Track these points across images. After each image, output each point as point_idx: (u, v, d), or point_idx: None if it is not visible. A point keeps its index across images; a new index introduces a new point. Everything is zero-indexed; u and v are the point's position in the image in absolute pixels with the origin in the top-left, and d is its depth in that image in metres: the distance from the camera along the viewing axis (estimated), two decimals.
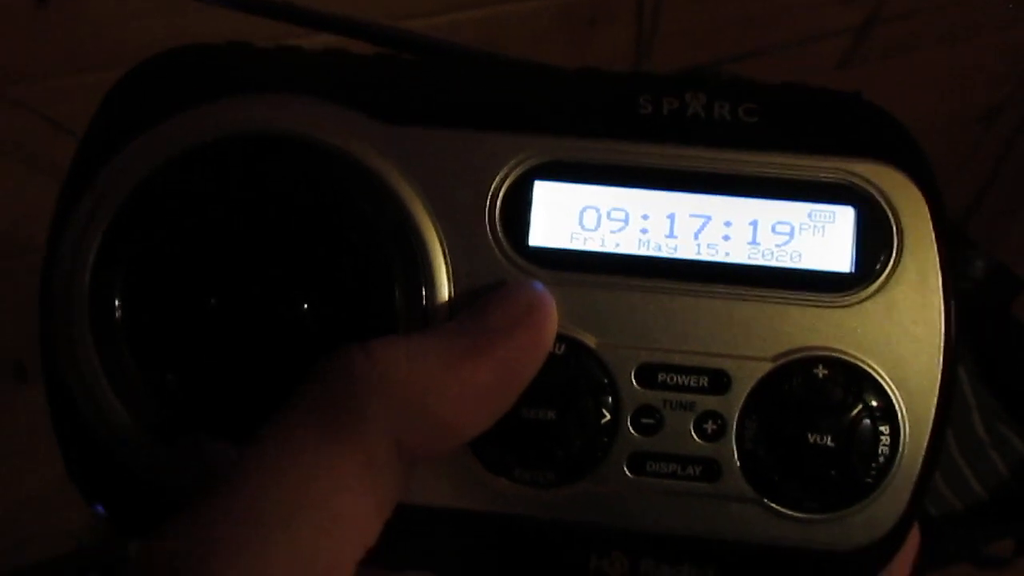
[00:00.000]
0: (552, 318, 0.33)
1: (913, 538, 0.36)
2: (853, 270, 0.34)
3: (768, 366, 0.34)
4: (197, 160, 0.34)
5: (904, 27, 1.19)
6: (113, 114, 0.36)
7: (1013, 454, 1.20)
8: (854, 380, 0.34)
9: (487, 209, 0.35)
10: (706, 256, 0.35)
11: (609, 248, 0.35)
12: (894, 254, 0.34)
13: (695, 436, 0.34)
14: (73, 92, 0.35)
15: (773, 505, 0.34)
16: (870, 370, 0.34)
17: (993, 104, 1.46)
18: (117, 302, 0.34)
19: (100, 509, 0.36)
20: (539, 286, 0.34)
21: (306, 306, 0.34)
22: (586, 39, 1.00)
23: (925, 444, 0.34)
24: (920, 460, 0.34)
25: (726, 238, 0.35)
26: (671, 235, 0.35)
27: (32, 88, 0.72)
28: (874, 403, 0.34)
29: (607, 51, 1.02)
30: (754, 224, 0.35)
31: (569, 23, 0.99)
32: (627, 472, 0.35)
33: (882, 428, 0.34)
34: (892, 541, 0.35)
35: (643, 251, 0.35)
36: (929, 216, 0.34)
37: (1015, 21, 1.28)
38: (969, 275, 1.22)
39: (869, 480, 0.34)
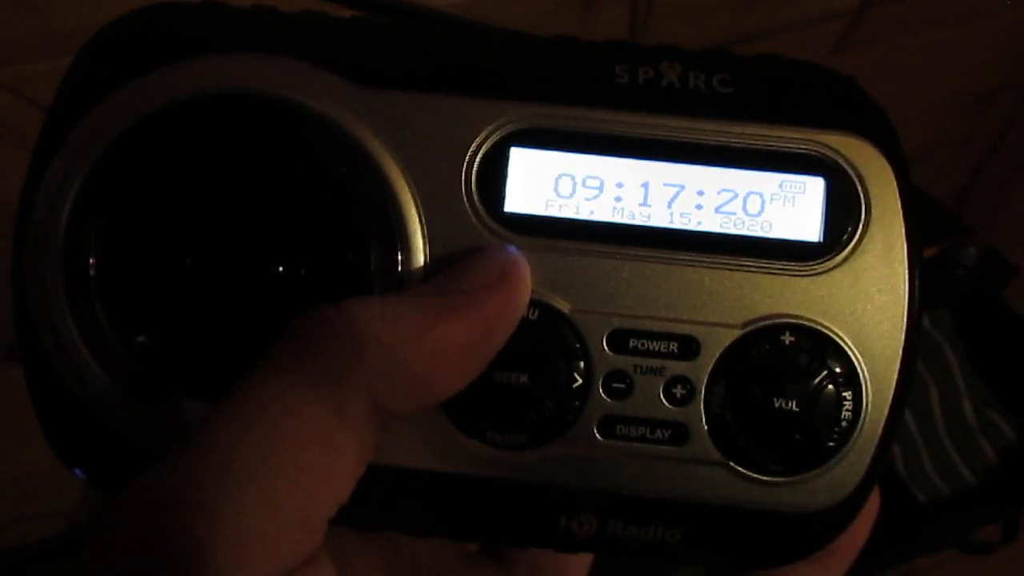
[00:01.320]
0: (525, 282, 0.34)
1: (873, 500, 0.36)
2: (821, 239, 0.35)
3: (737, 333, 0.35)
4: (171, 119, 0.34)
5: (900, 10, 1.19)
6: (86, 72, 0.36)
7: (1002, 440, 1.21)
8: (819, 347, 0.35)
9: (463, 174, 0.35)
10: (679, 224, 0.35)
11: (584, 215, 0.35)
12: (861, 224, 0.35)
13: (664, 400, 0.35)
14: (57, 75, 0.35)
15: (739, 468, 0.35)
16: (835, 337, 0.35)
17: (990, 87, 1.46)
18: (91, 261, 0.34)
19: (79, 473, 0.36)
20: (513, 250, 0.34)
21: (281, 267, 0.34)
22: (582, 23, 1.00)
23: (887, 409, 0.35)
24: (882, 425, 0.35)
25: (699, 207, 0.35)
26: (645, 203, 0.35)
27: (16, 71, 0.73)
28: (838, 369, 0.35)
29: (602, 35, 1.02)
30: (726, 193, 0.35)
31: (567, 6, 0.99)
32: (597, 435, 0.35)
33: (845, 394, 0.35)
34: (854, 503, 0.36)
35: (617, 219, 0.35)
36: (896, 187, 0.35)
37: (1012, 4, 1.28)
38: (961, 262, 1.22)
39: (832, 444, 0.35)
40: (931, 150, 1.51)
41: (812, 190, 0.35)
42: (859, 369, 0.35)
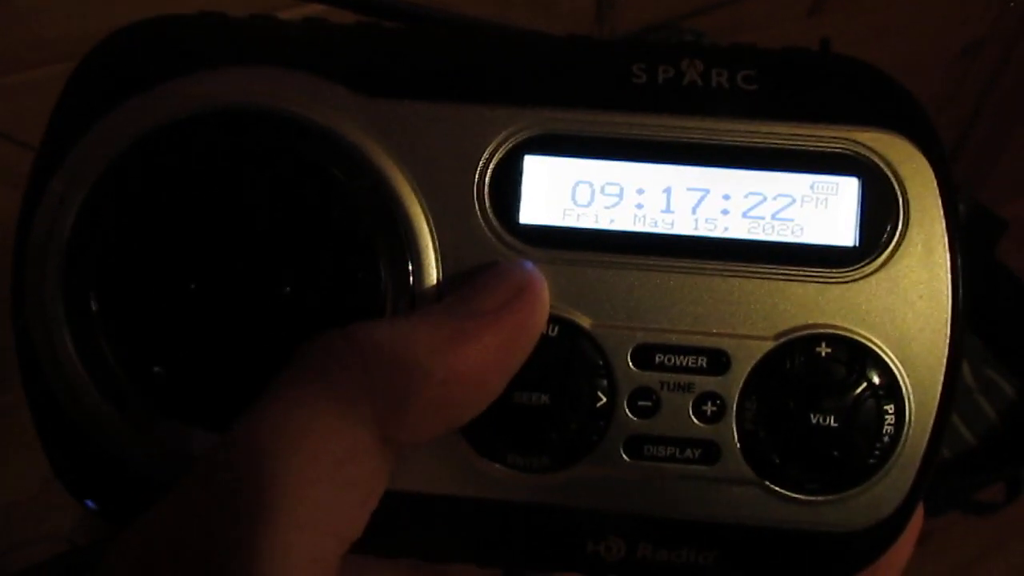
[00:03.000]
0: (543, 300, 0.32)
1: (917, 517, 0.35)
2: (857, 244, 0.33)
3: (769, 345, 0.33)
4: (171, 138, 0.33)
5: None
6: (82, 90, 0.34)
7: (1002, 398, 1.20)
8: (857, 358, 0.33)
9: (475, 186, 0.33)
10: (704, 231, 0.33)
11: (603, 225, 0.34)
12: (900, 227, 0.33)
13: (694, 418, 0.33)
14: (38, 84, 0.33)
15: (774, 487, 0.34)
16: (874, 347, 0.33)
17: (975, 38, 1.45)
18: (93, 293, 0.33)
19: (91, 504, 0.35)
20: (530, 266, 0.33)
21: (289, 288, 0.32)
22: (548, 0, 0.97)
23: (931, 422, 0.33)
24: (926, 439, 0.33)
25: (725, 212, 0.33)
26: (667, 210, 0.33)
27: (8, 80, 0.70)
28: (878, 381, 0.33)
29: (570, 8, 1.00)
30: (754, 197, 0.33)
31: None
32: (624, 456, 0.34)
33: (886, 407, 0.33)
34: (896, 521, 0.34)
35: (638, 227, 0.34)
36: (936, 186, 0.33)
37: None
38: None
39: (873, 460, 0.33)
40: None
41: (846, 191, 0.33)
42: (901, 380, 0.33)
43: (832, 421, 0.33)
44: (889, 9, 1.23)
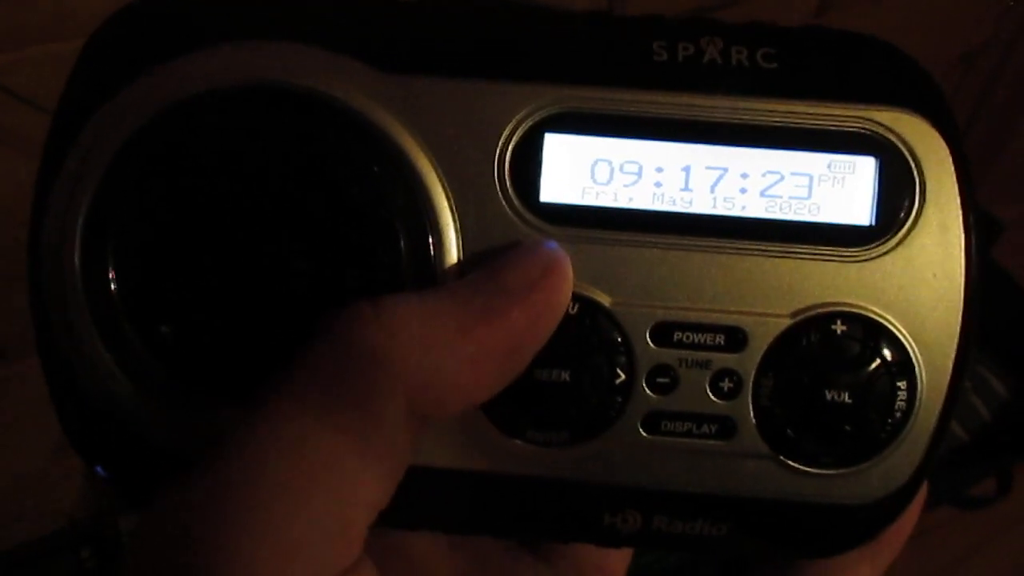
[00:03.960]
0: (568, 279, 0.33)
1: (921, 491, 0.36)
2: (873, 223, 0.34)
3: (786, 322, 0.34)
4: (188, 113, 0.32)
5: None
6: (95, 65, 0.34)
7: (994, 398, 1.21)
8: (872, 335, 0.33)
9: (496, 163, 0.33)
10: (722, 210, 0.34)
11: (622, 203, 0.34)
12: (916, 206, 0.33)
13: (711, 394, 0.34)
14: (30, 61, 0.33)
15: (788, 461, 0.34)
16: (889, 325, 0.33)
17: (972, 46, 1.45)
18: (111, 273, 0.33)
19: (100, 471, 0.35)
20: (554, 245, 0.33)
21: (308, 263, 0.32)
22: None
23: (942, 398, 0.34)
24: (937, 414, 0.34)
25: (743, 191, 0.34)
26: (686, 188, 0.34)
27: None
28: (891, 358, 0.33)
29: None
30: (771, 176, 0.34)
31: None
32: (642, 431, 0.34)
33: (899, 383, 0.33)
34: (906, 493, 0.35)
35: (657, 206, 0.34)
36: (952, 166, 0.33)
37: None
38: None
39: (885, 435, 0.34)
40: None
41: (863, 170, 0.34)
42: (913, 358, 0.33)
43: (846, 397, 0.33)
44: (891, 12, 1.24)
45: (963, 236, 0.33)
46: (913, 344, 0.33)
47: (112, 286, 0.33)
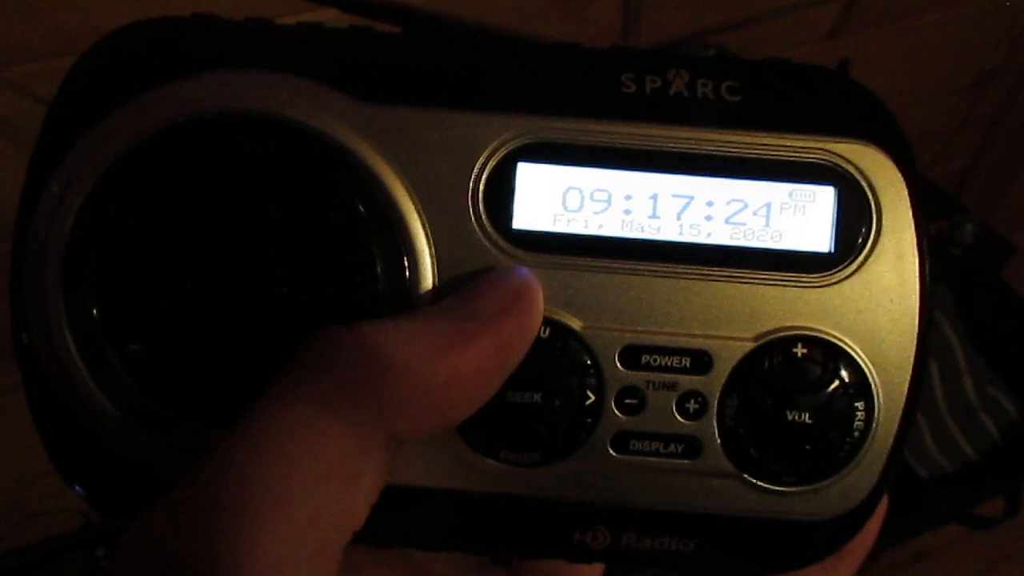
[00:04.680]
0: (539, 304, 0.34)
1: (881, 507, 0.37)
2: (832, 250, 0.35)
3: (749, 346, 0.35)
4: (167, 142, 0.33)
5: None
6: (78, 92, 0.35)
7: (1003, 416, 1.21)
8: (831, 358, 0.35)
9: (470, 192, 0.35)
10: (688, 237, 0.35)
11: (592, 230, 0.35)
12: (873, 233, 0.35)
13: (677, 415, 0.35)
14: (58, 72, 0.34)
15: (752, 479, 0.35)
16: (847, 348, 0.35)
17: (986, 69, 1.45)
18: (92, 295, 0.34)
19: (79, 490, 0.36)
20: (525, 272, 0.34)
21: (285, 289, 0.33)
22: (576, 13, 0.99)
23: (898, 417, 0.35)
24: (893, 433, 0.35)
25: (708, 218, 0.35)
26: (654, 216, 0.35)
27: (23, 70, 0.72)
28: (850, 379, 0.35)
29: (596, 22, 1.02)
30: (735, 204, 0.35)
31: None
32: (611, 451, 0.35)
33: (857, 404, 0.35)
34: (866, 508, 0.36)
35: (626, 232, 0.35)
36: (907, 195, 0.35)
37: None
38: (959, 240, 1.23)
39: (844, 453, 0.35)
40: (929, 133, 1.50)
41: (822, 200, 0.35)
42: (871, 379, 0.35)
43: (807, 417, 0.34)
44: (905, 36, 1.25)
45: (917, 262, 0.35)
46: (870, 366, 0.35)
47: (93, 308, 0.34)
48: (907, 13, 1.22)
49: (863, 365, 0.35)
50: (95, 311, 0.34)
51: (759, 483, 0.35)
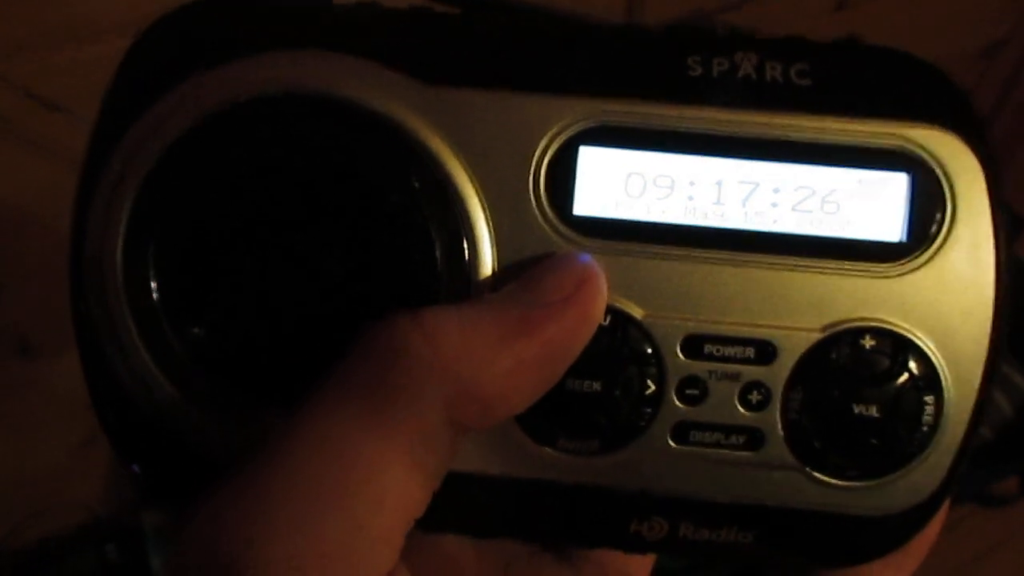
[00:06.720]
0: (602, 292, 0.33)
1: (945, 503, 0.36)
2: (904, 239, 0.34)
3: (815, 337, 0.34)
4: (228, 122, 0.33)
5: None
6: (137, 71, 0.35)
7: (1017, 394, 1.21)
8: (901, 351, 0.34)
9: (531, 176, 0.34)
10: (754, 224, 0.34)
11: (655, 216, 0.34)
12: (947, 223, 0.34)
13: (739, 406, 0.34)
14: (56, 68, 0.33)
15: (815, 473, 0.34)
16: (917, 341, 0.34)
17: (994, 40, 1.44)
18: (153, 277, 0.33)
19: (135, 469, 0.36)
20: (588, 258, 0.33)
21: (345, 272, 0.33)
22: None
23: (969, 412, 0.34)
24: (964, 427, 0.34)
25: (774, 205, 0.34)
26: (718, 202, 0.34)
27: (13, 64, 0.71)
28: (919, 372, 0.34)
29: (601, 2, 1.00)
30: (803, 191, 0.34)
31: None
32: (671, 441, 0.34)
33: (927, 398, 0.34)
34: (932, 504, 0.35)
35: (689, 219, 0.34)
36: (984, 183, 0.34)
37: None
38: None
39: (911, 448, 0.34)
40: None
41: (895, 187, 0.34)
42: (941, 373, 0.34)
43: (874, 411, 0.33)
44: (912, 7, 1.23)
45: (994, 252, 0.34)
46: (941, 359, 0.34)
47: (153, 290, 0.33)
48: None
49: (933, 358, 0.34)
50: (155, 292, 0.34)
51: (823, 477, 0.34)
